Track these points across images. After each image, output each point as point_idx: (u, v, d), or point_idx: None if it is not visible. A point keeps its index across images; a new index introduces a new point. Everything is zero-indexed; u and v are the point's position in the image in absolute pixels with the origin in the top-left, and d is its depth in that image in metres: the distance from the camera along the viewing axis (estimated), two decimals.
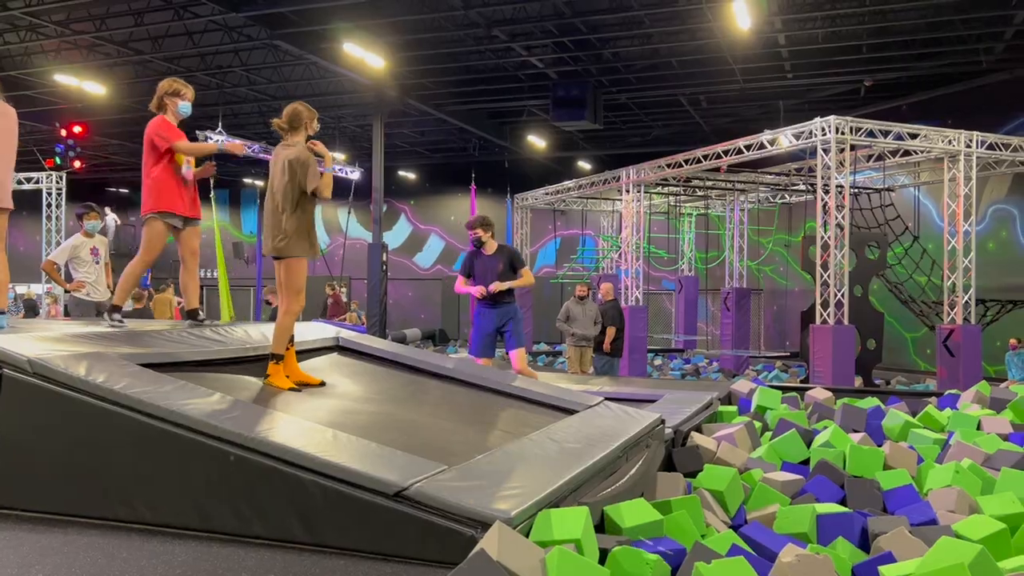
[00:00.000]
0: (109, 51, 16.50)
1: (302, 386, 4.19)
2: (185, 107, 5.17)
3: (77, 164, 17.58)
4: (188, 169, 5.06)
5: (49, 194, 19.55)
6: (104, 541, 2.82)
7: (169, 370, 3.69)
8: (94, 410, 3.10)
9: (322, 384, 4.31)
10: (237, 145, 5.43)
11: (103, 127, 21.45)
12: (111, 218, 26.86)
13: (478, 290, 6.40)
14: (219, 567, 2.59)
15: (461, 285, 6.62)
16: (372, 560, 2.65)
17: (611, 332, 10.64)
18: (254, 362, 4.43)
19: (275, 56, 16.83)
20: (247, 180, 27.90)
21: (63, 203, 19.55)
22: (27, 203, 24.45)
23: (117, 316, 5.07)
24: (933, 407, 6.12)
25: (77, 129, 17.12)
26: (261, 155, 19.58)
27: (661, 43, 15.66)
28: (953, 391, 7.09)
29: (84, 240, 7.43)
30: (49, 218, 19.55)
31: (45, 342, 3.57)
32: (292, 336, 4.26)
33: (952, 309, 12.31)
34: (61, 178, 19.41)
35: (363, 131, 22.32)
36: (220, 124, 18.35)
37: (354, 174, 22.19)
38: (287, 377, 4.19)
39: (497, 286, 6.36)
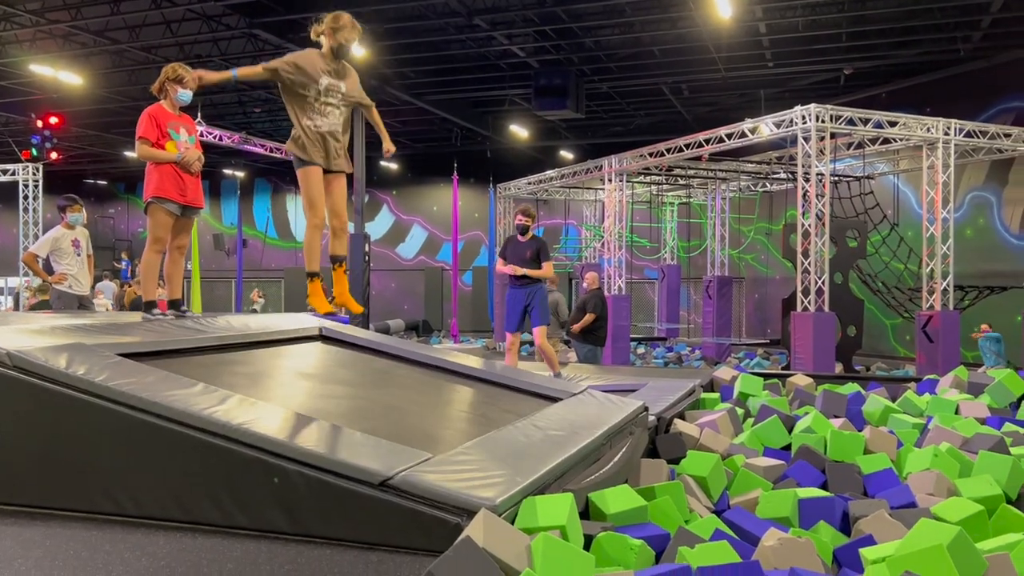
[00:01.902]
0: (85, 40, 16.29)
1: (341, 309, 4.21)
2: (184, 95, 5.03)
3: (54, 155, 17.37)
4: (182, 152, 4.95)
5: (26, 186, 19.31)
6: (87, 534, 2.81)
7: (151, 361, 3.67)
8: (75, 402, 3.07)
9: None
10: (192, 161, 4.98)
11: (80, 118, 21.21)
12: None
13: (512, 268, 7.23)
14: (203, 558, 2.58)
15: (500, 266, 7.47)
16: (357, 549, 2.65)
17: (588, 318, 10.63)
18: (236, 351, 4.41)
19: (254, 45, 16.68)
20: (227, 171, 27.68)
21: (40, 195, 19.32)
22: (3, 195, 24.21)
23: (156, 311, 5.02)
24: (912, 392, 6.18)
25: (53, 120, 16.91)
26: (243, 147, 19.45)
27: (643, 32, 15.66)
28: (932, 376, 7.16)
29: (65, 232, 7.36)
30: (26, 210, 19.32)
31: (24, 334, 3.53)
32: (341, 257, 4.26)
33: (931, 295, 12.44)
34: (38, 170, 19.16)
35: None
36: (199, 115, 18.19)
37: None
38: (331, 300, 4.18)
39: (516, 270, 7.23)
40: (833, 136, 12.42)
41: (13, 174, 19.36)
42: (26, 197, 19.33)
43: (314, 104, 4.26)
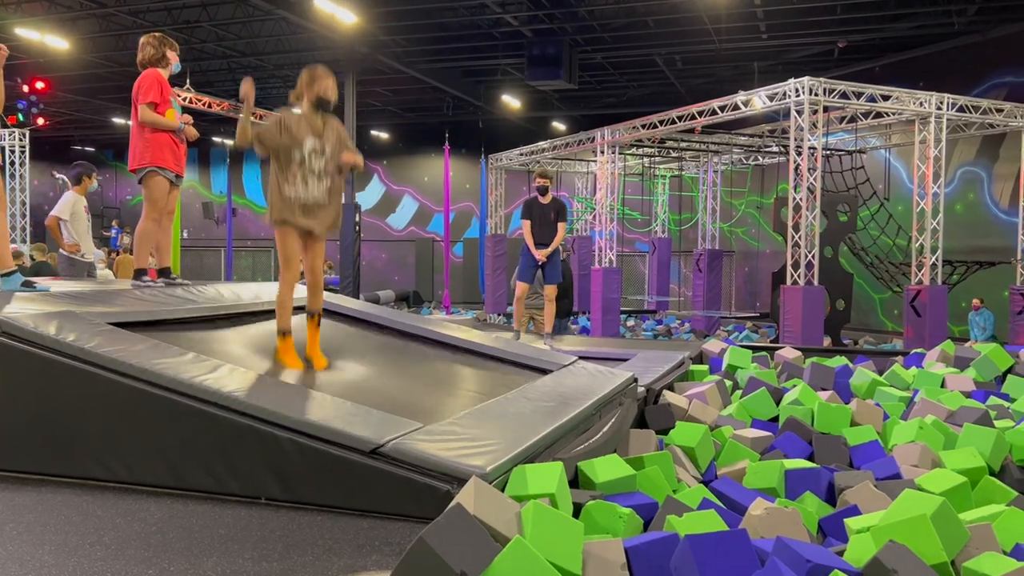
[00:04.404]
0: (71, 3, 16.02)
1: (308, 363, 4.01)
2: (178, 64, 5.19)
3: (40, 121, 17.18)
4: (183, 123, 4.99)
5: (12, 152, 19.09)
6: (78, 500, 2.82)
7: (142, 329, 3.66)
8: (66, 370, 3.07)
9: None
10: (193, 132, 5.15)
11: (67, 83, 20.92)
12: (62, 179, 26.42)
13: (539, 256, 7.62)
14: (195, 524, 2.60)
15: (527, 231, 7.76)
16: (349, 516, 2.68)
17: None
18: (227, 320, 4.41)
19: (244, 11, 16.45)
20: (216, 139, 27.42)
21: (27, 161, 19.11)
22: None
23: (146, 278, 5.04)
24: (899, 366, 6.23)
25: (40, 85, 16.70)
26: (231, 114, 19.25)
27: (637, 2, 15.51)
28: (919, 350, 7.23)
29: (79, 197, 7.40)
30: (12, 176, 19.11)
31: (15, 301, 3.52)
32: (316, 311, 4.06)
33: (920, 270, 12.50)
34: (24, 135, 18.95)
35: None
36: (187, 81, 17.98)
37: None
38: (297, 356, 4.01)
39: (542, 256, 7.65)
40: (826, 110, 12.38)
41: None
42: (12, 163, 19.11)
43: (297, 171, 3.92)
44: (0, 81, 4.34)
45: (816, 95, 11.58)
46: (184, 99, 17.00)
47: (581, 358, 5.08)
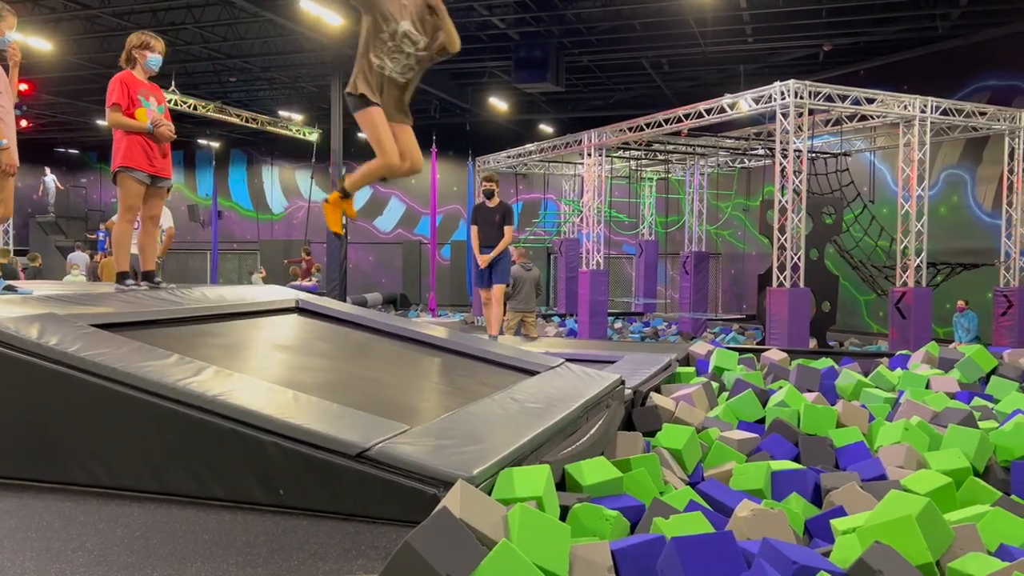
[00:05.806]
0: (55, 5, 15.92)
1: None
2: (154, 60, 5.02)
3: (24, 123, 17.05)
4: (152, 120, 4.92)
5: None
6: (60, 505, 2.79)
7: (125, 331, 3.63)
8: (48, 373, 3.04)
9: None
10: (165, 133, 4.98)
11: (50, 85, 20.76)
12: (50, 179, 26.20)
13: (482, 260, 7.94)
14: (179, 529, 2.58)
15: (474, 235, 8.10)
16: (334, 520, 2.66)
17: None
18: (211, 322, 4.38)
19: (229, 13, 16.38)
20: (202, 141, 27.29)
21: None
22: None
23: (129, 282, 5.00)
24: (884, 367, 6.26)
25: (23, 87, 16.55)
26: (216, 116, 19.19)
27: (623, 5, 15.56)
28: (904, 352, 7.27)
29: None
30: None
31: None
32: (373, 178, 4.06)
33: (904, 272, 12.58)
34: None
35: (321, 92, 21.91)
36: (173, 83, 17.89)
37: (312, 135, 21.83)
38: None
39: (485, 261, 7.94)
40: (811, 112, 12.45)
41: None
42: None
43: (386, 44, 3.81)
44: (15, 78, 4.44)
45: (801, 98, 11.65)
46: (169, 101, 16.93)
47: (568, 360, 5.07)
